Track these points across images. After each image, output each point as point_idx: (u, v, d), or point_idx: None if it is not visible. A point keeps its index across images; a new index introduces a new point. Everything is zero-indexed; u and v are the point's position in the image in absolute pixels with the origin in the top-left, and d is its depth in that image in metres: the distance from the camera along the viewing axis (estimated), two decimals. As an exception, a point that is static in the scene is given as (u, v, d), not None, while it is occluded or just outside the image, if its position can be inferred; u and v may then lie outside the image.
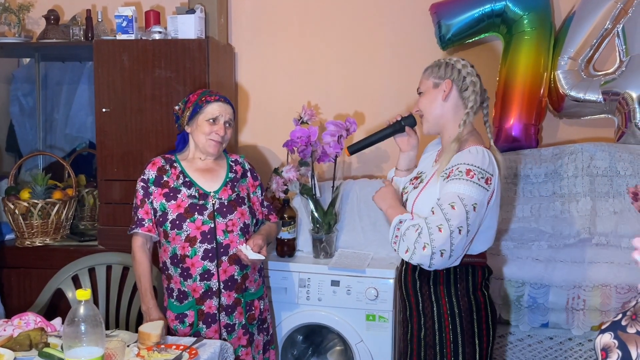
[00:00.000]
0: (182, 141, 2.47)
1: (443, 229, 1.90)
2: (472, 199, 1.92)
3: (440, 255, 1.91)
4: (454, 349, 2.05)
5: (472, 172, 1.95)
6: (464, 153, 2.01)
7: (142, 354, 1.96)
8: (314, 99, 3.44)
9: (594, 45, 3.00)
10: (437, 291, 2.07)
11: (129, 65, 3.01)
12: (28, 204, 3.07)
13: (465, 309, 2.06)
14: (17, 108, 3.78)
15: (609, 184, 2.74)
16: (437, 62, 2.15)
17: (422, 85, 2.16)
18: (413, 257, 1.95)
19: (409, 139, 2.28)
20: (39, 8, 3.46)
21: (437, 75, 2.12)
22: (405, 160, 2.32)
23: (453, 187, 1.94)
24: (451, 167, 1.99)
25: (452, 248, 1.91)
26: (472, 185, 1.93)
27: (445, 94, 2.09)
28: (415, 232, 1.94)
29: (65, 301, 2.87)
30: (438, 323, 2.07)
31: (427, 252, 1.91)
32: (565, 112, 3.11)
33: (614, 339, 1.22)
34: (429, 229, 1.91)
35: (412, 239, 1.95)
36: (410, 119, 2.25)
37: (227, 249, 2.34)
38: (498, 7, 3.02)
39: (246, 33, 3.50)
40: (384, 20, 3.36)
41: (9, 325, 2.15)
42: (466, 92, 2.09)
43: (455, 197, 1.92)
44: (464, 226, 1.91)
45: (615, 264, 2.56)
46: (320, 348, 3.07)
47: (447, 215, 1.91)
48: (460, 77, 2.09)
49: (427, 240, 1.91)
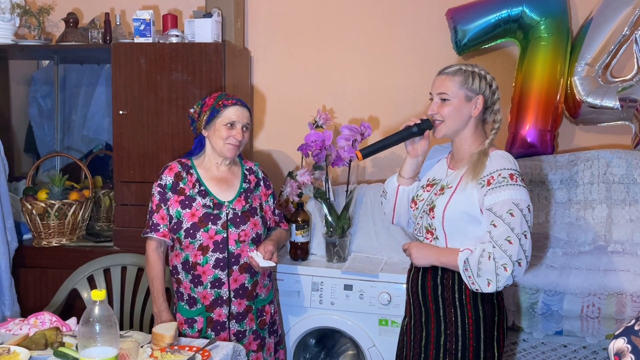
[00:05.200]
0: (199, 145, 2.47)
1: (513, 240, 1.91)
2: (525, 201, 1.96)
3: (519, 265, 1.92)
4: (475, 354, 2.04)
5: (515, 176, 1.99)
6: (495, 158, 2.03)
7: (156, 354, 1.97)
8: (329, 103, 3.45)
9: (612, 52, 2.98)
10: (463, 297, 2.05)
11: (146, 68, 3.04)
12: (45, 204, 3.10)
13: (490, 314, 2.05)
14: (35, 109, 3.83)
15: (625, 191, 2.72)
16: (469, 71, 2.07)
17: (450, 92, 2.07)
18: (499, 284, 1.94)
19: (421, 144, 2.20)
20: (58, 11, 3.49)
21: (471, 88, 2.06)
22: (412, 167, 2.24)
23: (504, 195, 1.95)
24: (489, 174, 1.99)
25: (525, 255, 1.93)
26: (520, 188, 1.97)
27: (477, 111, 2.07)
28: (490, 260, 1.93)
29: (80, 301, 2.90)
30: (462, 329, 2.05)
31: (510, 270, 1.91)
32: (581, 119, 3.08)
33: (627, 344, 1.23)
34: (500, 247, 1.92)
35: (492, 268, 1.93)
36: (428, 122, 2.16)
37: (238, 259, 2.35)
38: (515, 13, 3.01)
39: (262, 37, 3.52)
40: (399, 24, 3.36)
41: (25, 325, 2.18)
42: (492, 108, 2.10)
43: (510, 204, 1.94)
44: (527, 230, 1.95)
45: (631, 272, 2.54)
46: (333, 352, 3.07)
47: (511, 225, 1.92)
48: (490, 94, 2.09)
49: (506, 260, 1.91)
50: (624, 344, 1.23)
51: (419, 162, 2.25)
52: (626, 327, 1.26)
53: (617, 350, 1.24)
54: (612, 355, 1.25)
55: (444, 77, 2.10)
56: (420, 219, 2.17)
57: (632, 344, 1.21)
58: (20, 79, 3.83)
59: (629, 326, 1.26)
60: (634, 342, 1.21)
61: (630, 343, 1.22)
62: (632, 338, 1.22)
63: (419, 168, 2.27)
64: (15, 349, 1.95)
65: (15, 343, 2.01)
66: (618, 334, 1.27)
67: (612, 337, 1.28)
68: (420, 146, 2.21)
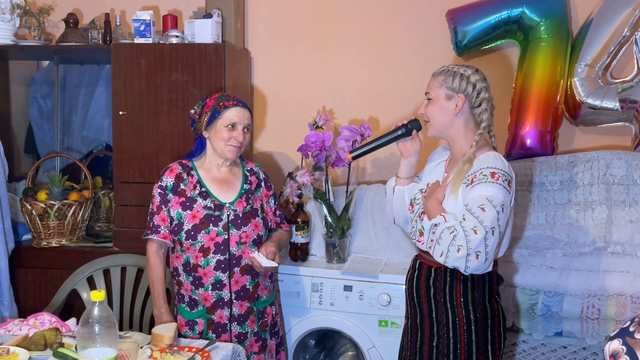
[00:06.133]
0: (200, 146, 2.47)
1: (478, 231, 1.89)
2: (500, 200, 1.93)
3: (476, 257, 1.90)
4: (467, 357, 2.04)
5: (497, 174, 1.96)
6: (482, 158, 2.02)
7: (155, 355, 1.97)
8: (329, 103, 3.45)
9: (612, 53, 2.98)
10: (454, 299, 2.05)
11: (146, 68, 3.04)
12: (45, 205, 3.10)
13: (482, 316, 2.05)
14: (35, 110, 3.83)
15: (625, 192, 2.72)
16: (451, 71, 2.08)
17: (433, 92, 2.10)
18: (447, 260, 1.93)
19: (413, 144, 2.21)
20: (58, 12, 3.50)
21: (451, 87, 2.07)
22: (407, 167, 2.25)
23: (480, 191, 1.94)
24: (473, 172, 2.00)
25: (486, 250, 1.91)
26: (498, 187, 1.94)
27: (457, 110, 2.06)
28: (450, 235, 1.92)
29: (80, 302, 2.90)
30: (453, 331, 2.05)
31: (462, 254, 1.89)
32: (581, 120, 3.09)
33: (622, 345, 1.24)
34: (464, 231, 1.90)
35: (447, 241, 1.93)
36: (416, 122, 2.19)
37: (239, 260, 2.35)
38: (515, 14, 3.01)
39: (262, 38, 3.52)
40: (399, 25, 3.36)
41: (24, 325, 2.18)
42: (478, 109, 2.08)
43: (484, 200, 1.93)
44: (496, 227, 1.91)
45: (631, 273, 2.54)
46: (332, 353, 3.07)
47: (480, 218, 1.90)
48: (474, 93, 2.06)
49: (462, 243, 1.89)
50: (619, 345, 1.24)
51: (413, 162, 2.25)
52: (621, 329, 1.27)
53: (612, 352, 1.25)
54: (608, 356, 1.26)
55: (432, 77, 2.14)
56: (415, 222, 2.18)
57: (627, 345, 1.22)
58: (20, 80, 3.84)
59: (624, 328, 1.27)
60: (629, 344, 1.22)
61: (625, 344, 1.23)
62: (627, 339, 1.23)
63: (414, 168, 2.27)
64: (14, 350, 1.94)
65: (15, 344, 2.00)
66: (613, 336, 1.28)
67: (609, 338, 1.29)
68: (411, 146, 2.22)
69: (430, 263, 2.12)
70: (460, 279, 2.05)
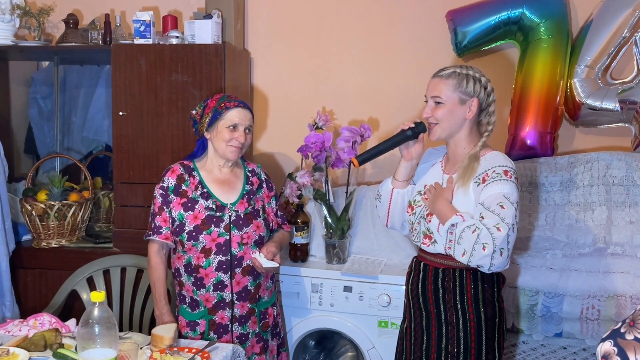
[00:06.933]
0: (201, 147, 2.47)
1: (502, 228, 1.89)
2: (515, 197, 1.96)
3: (500, 254, 1.90)
4: (477, 356, 2.05)
5: (509, 172, 1.99)
6: (490, 157, 2.04)
7: (155, 356, 1.97)
8: (329, 104, 3.45)
9: (612, 54, 2.98)
10: (464, 299, 2.05)
11: (146, 69, 3.04)
12: (45, 205, 3.10)
13: (491, 315, 2.06)
14: (35, 110, 3.83)
15: (625, 193, 2.72)
16: (462, 74, 2.06)
17: (444, 95, 2.06)
18: (472, 259, 1.92)
19: (416, 147, 2.19)
20: (58, 12, 3.50)
21: (465, 91, 2.05)
22: (406, 170, 2.24)
23: (496, 188, 1.95)
24: (484, 171, 2.01)
25: (508, 247, 1.92)
26: (512, 184, 1.97)
27: (472, 114, 2.07)
28: (474, 234, 1.91)
29: (80, 302, 2.90)
30: (463, 331, 2.05)
31: (488, 251, 1.89)
32: (581, 121, 3.09)
33: (613, 347, 1.25)
34: (488, 229, 1.89)
35: (471, 240, 1.91)
36: (423, 125, 2.16)
37: (241, 261, 2.35)
38: (515, 15, 3.01)
39: (262, 38, 3.52)
40: (399, 26, 3.36)
41: (24, 326, 2.18)
42: (486, 111, 2.09)
43: (501, 197, 1.94)
44: (515, 224, 1.93)
45: (631, 274, 2.54)
46: (332, 354, 3.07)
47: (501, 215, 1.91)
48: (485, 96, 2.08)
49: (488, 240, 1.89)
50: (610, 346, 1.25)
51: (413, 165, 2.25)
52: (613, 330, 1.28)
53: (604, 353, 1.26)
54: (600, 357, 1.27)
55: (437, 80, 2.10)
56: (417, 225, 2.17)
57: (619, 346, 1.23)
58: (20, 80, 3.84)
59: (616, 329, 1.28)
60: (620, 345, 1.23)
61: (616, 346, 1.24)
62: (619, 341, 1.24)
63: (413, 171, 2.27)
64: (14, 351, 1.94)
65: (15, 344, 2.00)
66: (605, 337, 1.30)
67: (600, 340, 1.30)
68: (415, 149, 2.20)
69: (436, 264, 2.12)
70: (471, 279, 2.05)
